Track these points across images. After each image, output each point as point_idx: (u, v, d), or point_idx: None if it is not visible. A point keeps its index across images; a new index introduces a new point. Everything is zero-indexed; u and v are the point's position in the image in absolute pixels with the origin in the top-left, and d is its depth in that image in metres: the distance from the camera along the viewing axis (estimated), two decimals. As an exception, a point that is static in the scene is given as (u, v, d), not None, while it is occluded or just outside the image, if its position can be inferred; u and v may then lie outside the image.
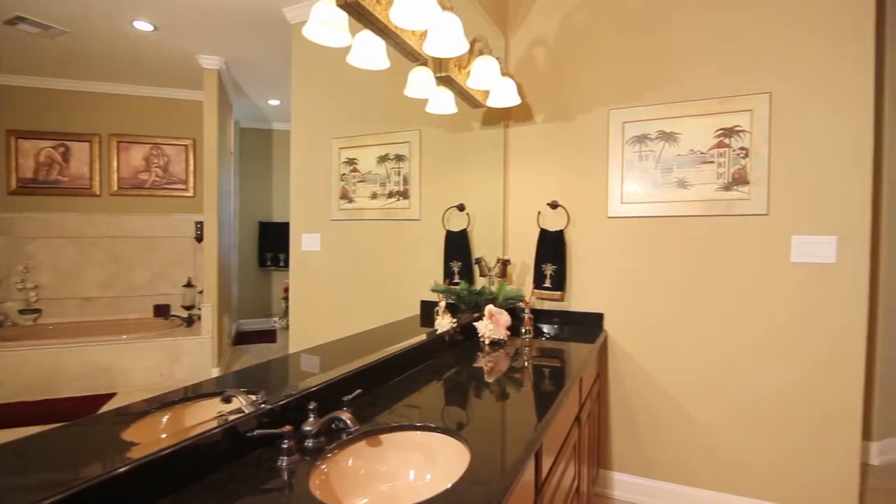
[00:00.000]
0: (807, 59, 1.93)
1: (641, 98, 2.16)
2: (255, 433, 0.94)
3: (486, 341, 1.90)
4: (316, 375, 1.24)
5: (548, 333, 2.20)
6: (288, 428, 0.94)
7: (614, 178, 2.20)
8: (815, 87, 1.92)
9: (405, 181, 1.82)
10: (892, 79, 2.57)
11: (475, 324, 1.94)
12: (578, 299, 2.29)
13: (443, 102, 1.86)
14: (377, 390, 1.37)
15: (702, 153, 2.05)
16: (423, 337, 1.72)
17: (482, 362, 1.71)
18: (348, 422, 0.96)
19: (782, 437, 2.00)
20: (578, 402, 1.69)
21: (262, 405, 1.00)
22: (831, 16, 1.90)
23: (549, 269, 2.24)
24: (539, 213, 2.33)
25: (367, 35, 1.38)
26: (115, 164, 1.18)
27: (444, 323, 1.81)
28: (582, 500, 1.76)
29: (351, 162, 1.63)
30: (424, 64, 1.69)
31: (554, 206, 2.29)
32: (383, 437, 1.08)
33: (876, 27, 1.86)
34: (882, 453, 2.66)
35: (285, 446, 0.93)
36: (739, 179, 2.00)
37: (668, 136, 2.10)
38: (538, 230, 2.30)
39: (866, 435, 2.63)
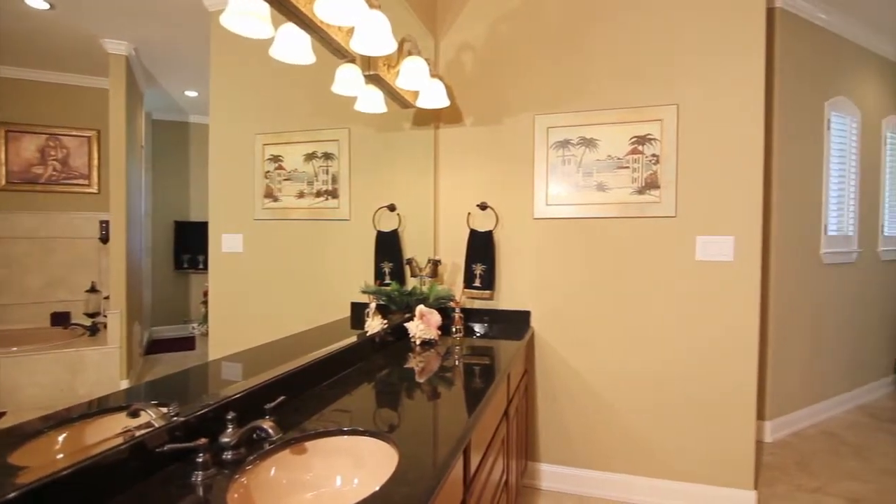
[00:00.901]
0: (709, 76, 2.11)
1: (563, 105, 2.27)
2: (165, 448, 0.88)
3: (418, 342, 1.91)
4: (236, 384, 1.18)
5: (478, 332, 2.24)
6: (203, 441, 0.89)
7: (540, 181, 2.28)
8: (716, 102, 2.11)
9: (334, 180, 1.78)
10: (779, 96, 2.88)
11: (406, 324, 1.94)
12: (507, 298, 2.36)
13: (372, 101, 1.84)
14: (304, 396, 1.33)
15: (618, 159, 2.19)
16: (352, 339, 1.70)
17: (413, 363, 1.71)
18: (270, 430, 0.92)
19: (688, 420, 2.18)
20: (506, 397, 1.75)
21: (175, 418, 0.94)
22: (729, 39, 2.09)
23: (478, 269, 2.29)
24: (469, 213, 2.37)
25: (290, 28, 1.33)
26: (2, 155, 1.05)
27: (374, 324, 1.79)
28: (511, 492, 1.81)
29: (276, 159, 1.57)
30: (353, 61, 1.67)
31: (483, 207, 2.35)
32: (308, 444, 1.05)
33: (766, 50, 2.08)
34: (774, 431, 2.97)
35: (200, 460, 0.88)
36: (651, 184, 2.16)
37: (589, 142, 2.22)
38: (468, 231, 2.34)
39: (760, 415, 2.92)
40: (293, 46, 1.36)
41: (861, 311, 3.62)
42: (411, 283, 2.20)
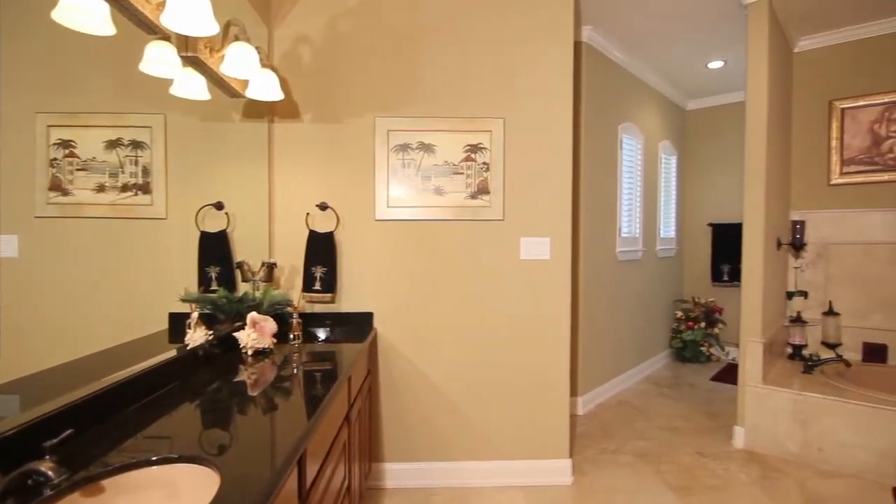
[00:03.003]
0: (529, 96, 2.36)
1: (404, 109, 2.32)
2: None
3: (250, 352, 1.77)
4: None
5: (320, 337, 2.17)
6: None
7: (381, 183, 2.30)
8: (535, 119, 2.37)
9: (145, 173, 1.54)
10: (584, 118, 3.36)
11: (236, 334, 1.78)
12: (350, 300, 2.33)
13: (192, 86, 1.65)
14: (107, 425, 1.12)
15: (454, 165, 2.32)
16: (170, 354, 1.50)
17: (245, 375, 1.58)
18: (49, 473, 0.76)
19: (514, 403, 2.41)
20: (348, 401, 1.72)
21: None
22: (546, 66, 2.37)
23: (319, 272, 2.21)
24: (308, 214, 2.28)
25: (80, -9, 1.12)
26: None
27: (197, 336, 1.60)
28: (354, 498, 1.79)
29: (66, 144, 1.30)
30: (167, 39, 1.47)
31: (323, 207, 2.27)
32: (107, 481, 0.89)
33: (574, 78, 2.40)
34: (584, 405, 3.45)
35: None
36: (483, 189, 2.33)
37: (427, 147, 2.31)
38: (308, 231, 2.25)
39: (573, 392, 3.37)
40: (85, 13, 1.15)
41: (645, 298, 4.41)
42: (243, 288, 2.03)
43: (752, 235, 2.84)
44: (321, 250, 2.23)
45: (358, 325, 2.31)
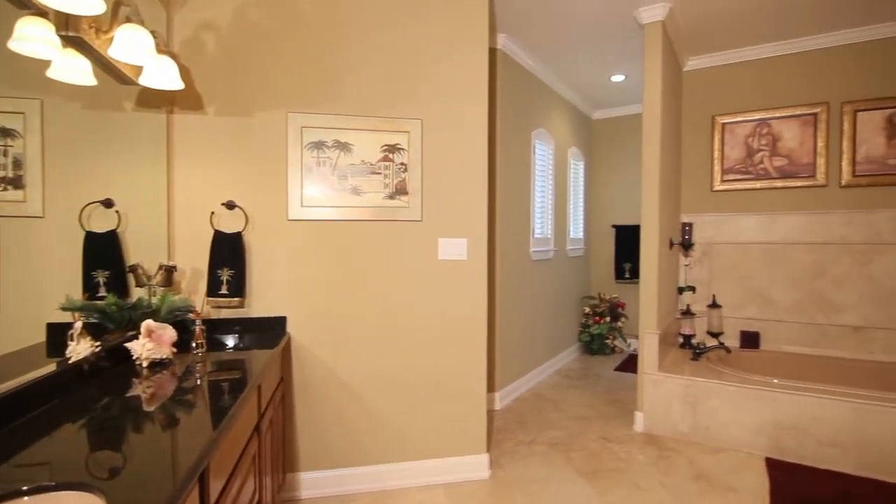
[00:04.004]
0: (447, 99, 2.40)
1: (319, 106, 2.25)
2: None
3: (145, 363, 1.61)
4: None
5: (227, 344, 2.03)
6: None
7: (294, 181, 2.21)
8: (453, 122, 2.41)
9: (17, 165, 1.36)
10: (500, 122, 3.47)
11: (128, 344, 1.62)
12: (260, 304, 2.21)
13: (75, 70, 1.48)
14: (-42, 456, 0.97)
15: (371, 164, 2.29)
16: (48, 369, 1.33)
17: (140, 389, 1.44)
18: None
19: (434, 403, 2.43)
20: (258, 411, 1.63)
21: None
22: (463, 70, 2.42)
23: (225, 275, 2.08)
24: (213, 213, 2.13)
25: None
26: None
27: (80, 348, 1.44)
28: (265, 511, 1.70)
29: None
30: (44, 15, 1.31)
31: (230, 206, 2.14)
32: (-39, 521, 0.77)
33: (490, 83, 2.47)
34: (502, 399, 3.56)
35: None
36: (401, 190, 2.33)
37: (343, 146, 2.25)
38: (213, 232, 2.10)
39: (491, 388, 3.46)
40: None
41: (557, 295, 4.65)
42: (137, 294, 1.85)
43: (648, 236, 3.10)
44: (228, 252, 2.09)
45: (269, 331, 2.20)
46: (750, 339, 3.64)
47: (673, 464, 2.64)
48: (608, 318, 5.05)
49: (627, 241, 5.16)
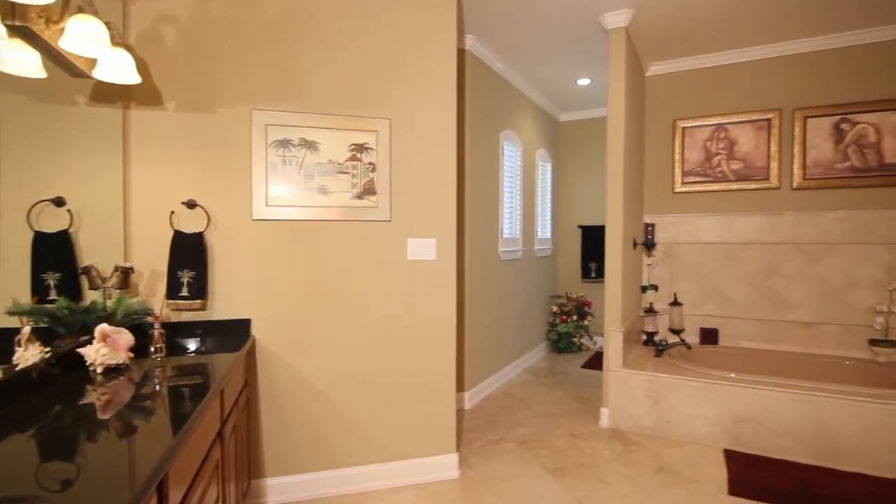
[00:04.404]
0: (416, 99, 2.39)
1: (284, 103, 2.20)
2: None
3: (99, 369, 1.54)
4: None
5: (188, 348, 1.97)
6: None
7: (258, 180, 2.16)
8: (421, 122, 2.40)
9: (-44, 162, 1.28)
10: (468, 123, 3.49)
11: (81, 350, 1.55)
12: (223, 306, 2.15)
13: (22, 61, 1.40)
14: None
15: (339, 164, 2.26)
16: (-10, 378, 1.25)
17: (94, 396, 1.38)
18: None
19: (404, 404, 2.42)
20: (221, 416, 1.58)
21: None
22: (431, 70, 2.42)
23: (186, 276, 2.01)
24: (173, 212, 2.05)
25: None
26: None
27: (29, 354, 1.36)
28: (229, 519, 1.65)
29: None
30: (-14, 3, 1.23)
31: (191, 205, 2.07)
32: None
33: (458, 84, 2.48)
34: (471, 399, 3.57)
35: None
36: (369, 190, 2.31)
37: (310, 145, 2.21)
38: (172, 232, 2.03)
39: (461, 387, 3.47)
40: None
41: (525, 295, 4.70)
42: (92, 297, 1.77)
43: (613, 236, 3.18)
44: (189, 252, 2.02)
45: (233, 334, 2.14)
46: (709, 336, 3.78)
47: (637, 458, 2.71)
48: (575, 317, 5.14)
49: (593, 241, 5.27)
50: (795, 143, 3.54)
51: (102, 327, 1.58)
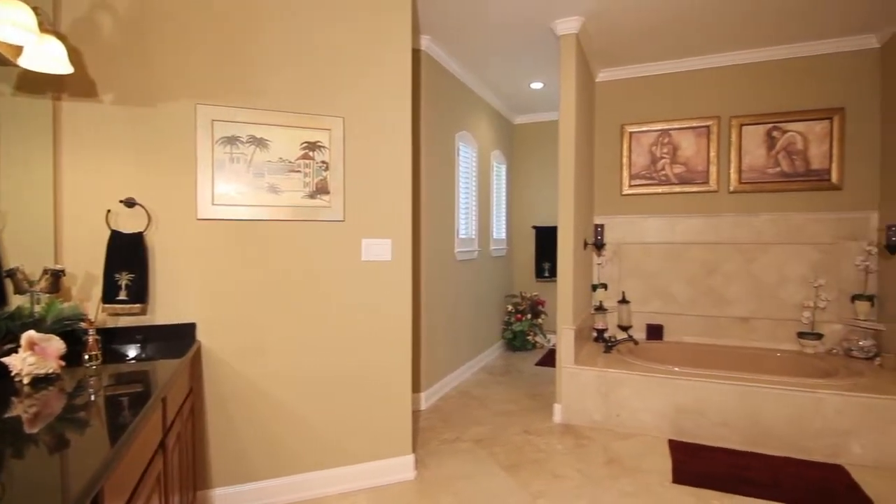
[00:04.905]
0: (370, 97, 2.36)
1: (233, 99, 2.12)
2: None
3: (26, 380, 1.43)
4: None
5: (127, 355, 1.86)
6: None
7: (204, 178, 2.07)
8: (376, 121, 2.38)
9: None
10: (424, 124, 3.49)
11: (5, 359, 1.43)
12: (166, 310, 2.05)
13: (-68, 46, 1.28)
14: None
15: (290, 162, 2.20)
16: None
17: (20, 408, 1.28)
18: None
19: (358, 407, 2.39)
20: (163, 426, 1.51)
21: None
22: (386, 68, 2.40)
23: (124, 279, 1.90)
24: (109, 211, 1.94)
25: None
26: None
27: (-58, 366, 1.25)
28: (173, 533, 1.58)
29: None
30: None
31: (130, 203, 1.96)
32: None
33: (413, 84, 2.47)
34: (427, 399, 3.57)
35: None
36: (322, 189, 2.26)
37: (259, 142, 2.15)
38: (109, 232, 1.91)
39: (417, 388, 3.47)
40: None
41: (481, 295, 4.75)
42: (18, 301, 1.64)
43: (565, 237, 3.27)
44: (127, 254, 1.91)
45: (176, 339, 2.04)
46: (655, 332, 3.95)
47: (588, 451, 2.80)
48: (529, 316, 5.24)
49: (546, 241, 5.39)
50: (732, 148, 3.76)
51: (29, 334, 1.46)
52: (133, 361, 1.80)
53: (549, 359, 4.86)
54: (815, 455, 2.66)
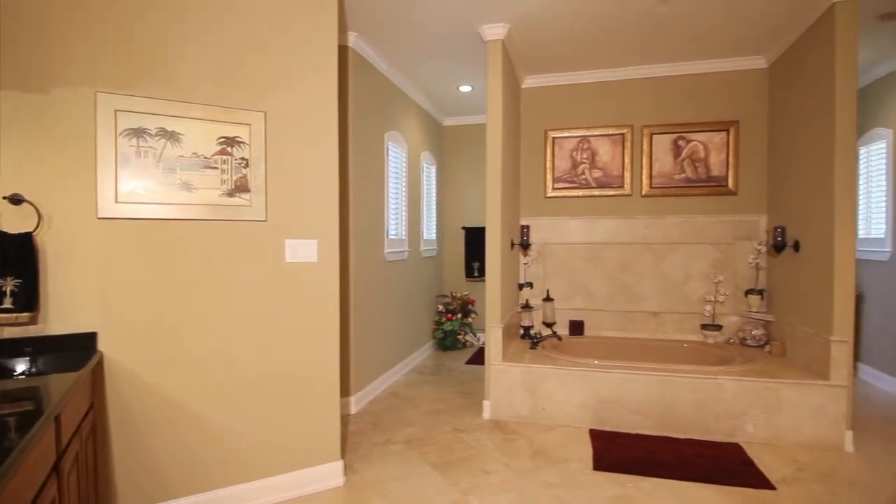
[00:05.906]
0: (294, 92, 2.28)
1: (139, 87, 1.96)
2: None
3: None
4: None
5: (14, 370, 1.66)
6: None
7: (106, 174, 1.89)
8: (300, 117, 2.30)
9: None
10: (352, 122, 3.42)
11: None
12: (62, 319, 1.85)
13: None
14: None
15: (206, 158, 2.06)
16: None
17: None
18: None
19: (283, 415, 2.30)
20: (56, 448, 1.35)
21: None
22: (311, 63, 2.32)
23: (9, 285, 1.68)
24: (-9, 209, 1.72)
25: None
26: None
27: None
28: (69, 566, 1.42)
29: None
30: None
31: (16, 200, 1.75)
32: None
33: (340, 81, 2.41)
34: (357, 403, 3.51)
35: None
36: (242, 187, 2.15)
37: (171, 135, 2.00)
38: (-10, 233, 1.70)
39: (346, 392, 3.39)
40: None
41: (411, 295, 4.75)
42: None
43: (492, 237, 3.34)
44: (13, 256, 1.70)
45: (74, 350, 1.85)
46: (577, 327, 4.15)
47: (515, 445, 2.88)
48: (460, 315, 5.31)
49: (475, 241, 5.49)
50: (644, 155, 4.04)
51: None
52: (21, 377, 1.60)
53: (478, 357, 4.95)
54: (716, 435, 2.93)
